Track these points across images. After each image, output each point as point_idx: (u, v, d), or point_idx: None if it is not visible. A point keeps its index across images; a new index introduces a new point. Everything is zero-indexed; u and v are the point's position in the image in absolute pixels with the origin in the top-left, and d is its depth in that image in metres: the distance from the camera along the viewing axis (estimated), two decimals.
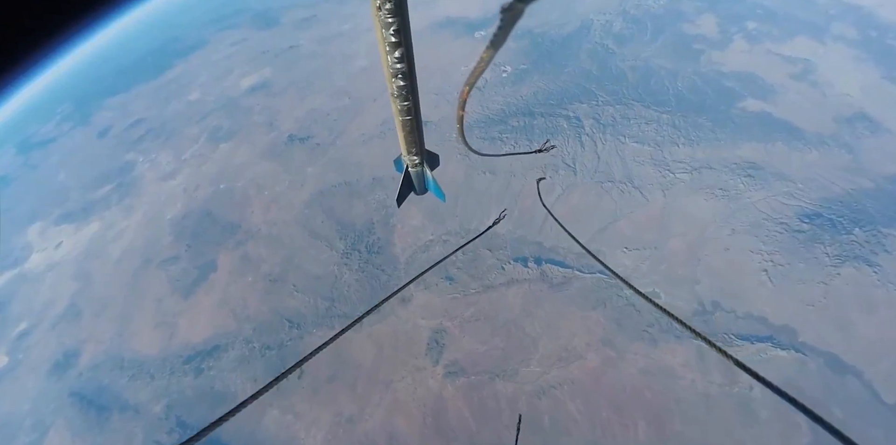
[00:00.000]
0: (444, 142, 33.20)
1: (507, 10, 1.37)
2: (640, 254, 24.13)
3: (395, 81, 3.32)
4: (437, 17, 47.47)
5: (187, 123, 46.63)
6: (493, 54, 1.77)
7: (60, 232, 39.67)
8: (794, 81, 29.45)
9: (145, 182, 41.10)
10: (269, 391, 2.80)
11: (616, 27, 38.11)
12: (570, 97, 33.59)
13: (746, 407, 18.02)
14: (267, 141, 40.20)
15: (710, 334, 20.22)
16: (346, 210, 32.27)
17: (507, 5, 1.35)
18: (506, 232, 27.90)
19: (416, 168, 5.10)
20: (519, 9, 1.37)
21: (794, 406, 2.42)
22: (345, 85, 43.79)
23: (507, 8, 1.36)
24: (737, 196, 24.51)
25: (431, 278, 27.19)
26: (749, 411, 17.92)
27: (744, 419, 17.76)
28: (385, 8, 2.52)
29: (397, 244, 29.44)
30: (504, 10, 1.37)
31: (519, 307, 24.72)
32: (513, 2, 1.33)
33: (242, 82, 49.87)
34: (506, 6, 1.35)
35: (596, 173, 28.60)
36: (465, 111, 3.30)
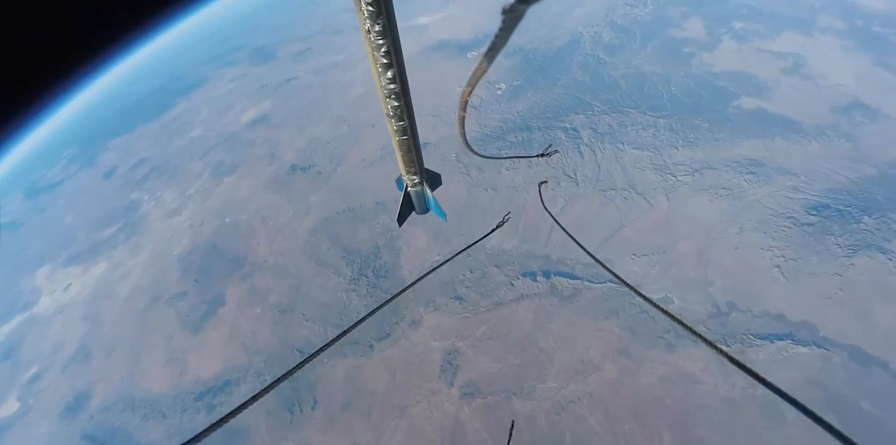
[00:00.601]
0: (445, 162, 33.53)
1: (509, 12, 1.39)
2: (648, 260, 23.85)
3: (389, 102, 3.47)
4: (429, 41, 48.68)
5: (191, 160, 47.74)
6: (494, 56, 1.80)
7: (69, 274, 40.21)
8: (787, 75, 29.52)
9: (151, 220, 41.80)
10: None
11: (605, 38, 38.74)
12: (566, 109, 33.92)
13: (772, 409, 17.40)
14: (269, 172, 40.88)
15: (728, 335, 19.80)
16: (351, 236, 32.43)
17: (508, 7, 1.36)
18: (512, 248, 27.81)
19: (416, 188, 5.18)
20: (520, 10, 1.38)
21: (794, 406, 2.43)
22: (343, 113, 44.67)
23: (509, 9, 1.38)
24: (741, 194, 24.30)
25: (440, 298, 27.03)
26: (775, 413, 17.30)
27: (770, 422, 17.13)
28: (374, 30, 2.78)
29: (404, 267, 29.42)
30: (505, 11, 1.39)
31: (531, 323, 24.39)
32: (514, 3, 1.35)
33: (243, 117, 51.21)
34: (507, 8, 1.37)
35: (597, 181, 28.58)
36: (466, 112, 3.43)
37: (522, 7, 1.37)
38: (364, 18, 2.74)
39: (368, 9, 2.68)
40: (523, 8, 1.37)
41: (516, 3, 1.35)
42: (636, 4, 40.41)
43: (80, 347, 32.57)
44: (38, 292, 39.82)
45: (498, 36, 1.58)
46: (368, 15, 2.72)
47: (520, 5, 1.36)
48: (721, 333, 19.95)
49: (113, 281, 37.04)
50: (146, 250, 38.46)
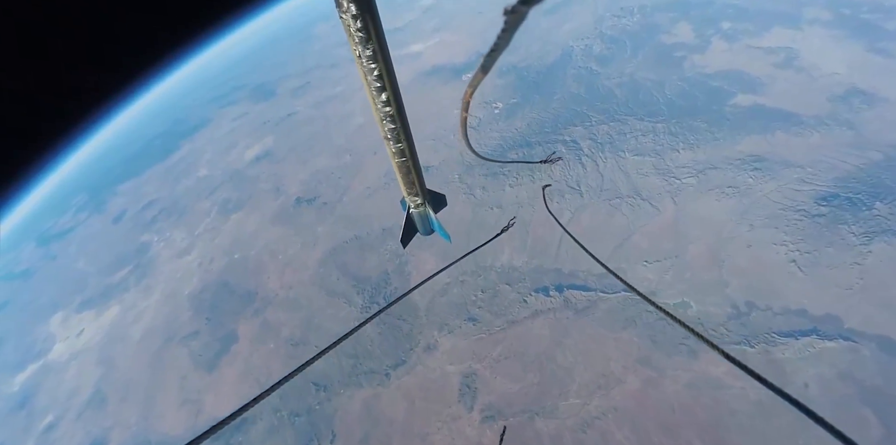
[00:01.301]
0: (449, 184, 33.77)
1: (511, 13, 1.39)
2: (661, 265, 23.49)
3: (385, 124, 3.60)
4: (423, 67, 49.82)
5: (198, 199, 48.73)
6: (497, 56, 1.82)
7: (82, 319, 40.69)
8: (780, 69, 29.58)
9: (161, 261, 42.35)
10: None
11: (596, 49, 39.29)
12: (564, 122, 34.16)
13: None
14: (275, 207, 41.50)
15: (750, 335, 19.23)
16: (360, 264, 32.51)
17: (510, 8, 1.37)
18: (522, 264, 27.63)
19: (418, 209, 5.22)
20: (522, 11, 1.39)
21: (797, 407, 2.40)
22: (344, 143, 45.47)
23: (511, 10, 1.38)
24: (748, 191, 24.01)
25: (454, 321, 26.77)
26: None
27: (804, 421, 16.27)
28: (365, 55, 2.93)
29: (415, 292, 29.21)
30: (507, 12, 1.39)
31: (547, 339, 23.98)
32: (516, 4, 1.35)
33: (247, 154, 52.45)
34: (509, 8, 1.37)
35: (602, 191, 28.50)
36: (468, 113, 3.45)
37: (524, 8, 1.38)
38: (355, 44, 2.91)
39: (359, 34, 2.84)
40: (525, 9, 1.38)
41: (518, 5, 1.36)
42: (623, 15, 41.11)
43: (95, 392, 32.60)
44: (52, 339, 40.26)
45: (500, 37, 1.59)
46: (359, 40, 2.88)
47: (521, 6, 1.36)
48: (743, 334, 19.39)
49: (126, 324, 37.35)
50: (157, 291, 38.84)
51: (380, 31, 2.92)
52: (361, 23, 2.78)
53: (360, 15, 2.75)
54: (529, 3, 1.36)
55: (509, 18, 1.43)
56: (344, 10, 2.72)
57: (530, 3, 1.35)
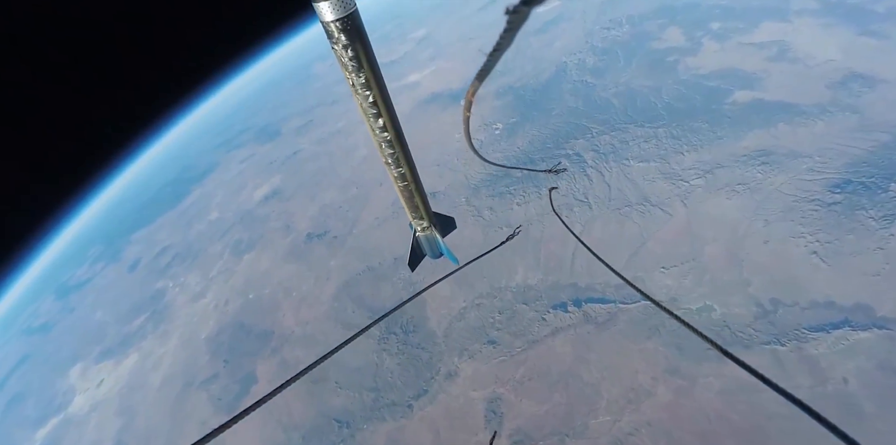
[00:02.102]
0: (456, 207, 33.85)
1: (513, 13, 1.40)
2: (679, 270, 22.96)
3: (384, 150, 3.82)
4: (422, 95, 50.93)
5: (210, 242, 49.45)
6: (499, 56, 1.85)
7: (101, 370, 40.84)
8: (774, 63, 29.54)
9: (177, 306, 42.73)
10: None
11: (589, 62, 39.82)
12: (565, 136, 34.30)
13: (847, 404, 15.79)
14: (287, 244, 41.89)
15: (779, 333, 18.45)
16: (375, 295, 32.43)
17: (512, 8, 1.37)
18: (537, 282, 27.25)
19: (425, 232, 5.38)
20: (524, 12, 1.40)
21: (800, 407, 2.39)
22: (350, 176, 46.17)
23: (513, 11, 1.39)
24: (758, 187, 23.58)
25: (473, 345, 26.30)
26: (852, 407, 15.67)
27: (849, 417, 15.46)
28: (359, 83, 3.16)
29: (431, 318, 28.99)
30: (509, 12, 1.40)
31: (570, 356, 23.36)
32: (518, 5, 1.36)
33: (255, 194, 53.44)
34: (511, 8, 1.38)
35: (610, 201, 28.28)
36: (470, 113, 3.54)
37: (526, 9, 1.38)
38: (348, 73, 3.14)
39: (351, 64, 3.06)
40: (527, 10, 1.38)
41: (520, 5, 1.36)
42: (612, 27, 41.83)
43: (116, 443, 32.34)
44: (72, 391, 40.32)
45: (503, 36, 1.61)
46: (352, 69, 3.11)
47: (523, 7, 1.37)
48: (772, 333, 18.64)
49: (145, 372, 37.38)
50: (175, 337, 38.98)
51: (371, 59, 3.13)
52: (352, 52, 2.99)
53: (351, 44, 2.96)
54: (531, 4, 1.35)
55: (511, 18, 1.44)
56: (335, 40, 2.96)
57: (532, 3, 1.35)
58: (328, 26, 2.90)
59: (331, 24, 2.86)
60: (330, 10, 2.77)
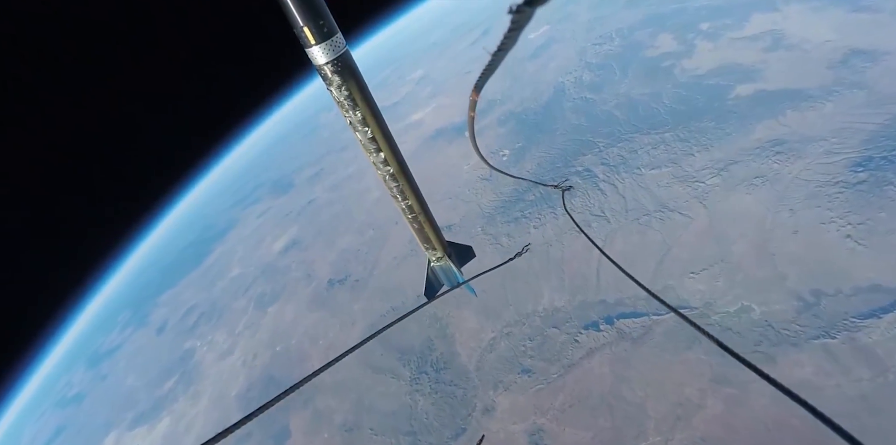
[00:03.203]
0: (473, 237, 33.70)
1: (516, 13, 1.40)
2: (709, 273, 22.09)
3: (388, 183, 4.11)
4: (426, 132, 52.02)
5: (234, 298, 50.10)
6: (503, 56, 1.88)
7: (135, 437, 40.65)
8: (771, 52, 29.43)
9: (206, 365, 42.84)
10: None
11: (586, 79, 40.34)
12: (573, 154, 34.29)
13: None
14: (309, 293, 42.10)
15: (827, 326, 17.32)
16: (402, 335, 31.92)
17: (514, 8, 1.38)
18: (565, 303, 26.53)
19: (440, 262, 5.57)
20: (528, 12, 1.41)
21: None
22: (365, 219, 46.73)
23: (516, 10, 1.39)
24: (777, 177, 22.90)
25: (507, 377, 25.46)
26: None
27: None
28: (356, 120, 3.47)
29: (461, 353, 28.32)
30: (512, 11, 1.40)
31: (609, 376, 22.33)
32: (521, 5, 1.36)
33: (275, 246, 54.50)
34: (513, 8, 1.38)
35: (627, 212, 27.80)
36: (475, 113, 3.69)
37: (529, 9, 1.38)
38: (345, 111, 3.43)
39: (346, 102, 3.35)
40: (530, 10, 1.39)
41: (523, 5, 1.36)
42: (603, 42, 42.59)
43: None
44: None
45: (507, 36, 1.62)
46: (348, 107, 3.40)
47: (526, 6, 1.36)
48: (819, 326, 17.51)
49: (178, 435, 37.08)
50: (205, 397, 38.85)
51: (366, 96, 3.43)
52: (347, 90, 3.28)
53: (344, 83, 3.26)
54: (534, 3, 1.35)
55: (515, 18, 1.44)
56: (330, 82, 3.27)
57: (535, 2, 1.34)
58: (322, 69, 3.21)
59: (324, 67, 3.18)
60: (322, 53, 3.11)
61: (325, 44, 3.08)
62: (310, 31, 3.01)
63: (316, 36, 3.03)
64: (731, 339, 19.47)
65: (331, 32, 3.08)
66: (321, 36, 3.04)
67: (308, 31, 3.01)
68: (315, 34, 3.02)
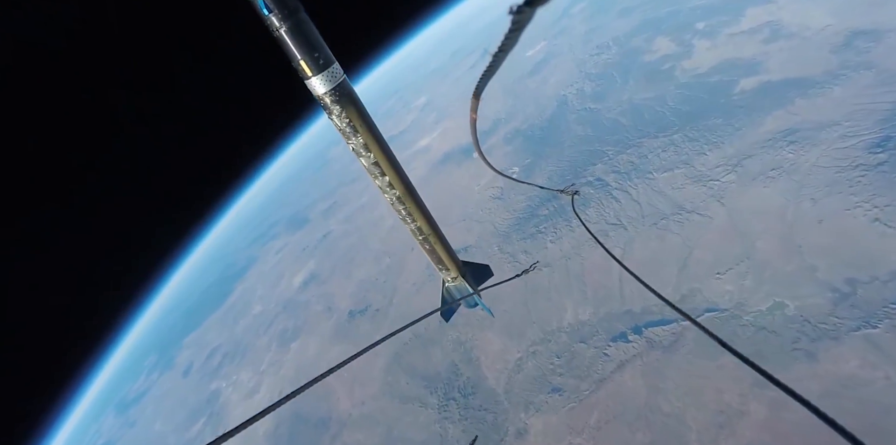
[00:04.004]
0: (490, 256, 33.49)
1: (517, 13, 1.40)
2: (736, 273, 21.35)
3: (396, 206, 4.22)
4: (435, 157, 52.57)
5: (257, 336, 50.23)
6: (504, 57, 1.89)
7: None
8: (770, 44, 29.28)
9: (232, 405, 42.68)
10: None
11: (588, 90, 40.58)
12: (583, 165, 34.12)
13: None
14: (331, 326, 42.04)
15: (866, 315, 16.44)
16: (426, 362, 31.49)
17: (515, 8, 1.38)
18: (589, 316, 25.88)
19: (454, 283, 5.58)
20: (528, 13, 1.40)
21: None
22: (381, 248, 46.82)
23: (517, 11, 1.39)
24: (793, 167, 22.32)
25: (537, 397, 24.67)
26: None
27: None
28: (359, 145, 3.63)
29: (489, 377, 27.65)
30: (512, 12, 1.40)
31: (644, 389, 21.45)
32: (521, 5, 1.36)
33: (294, 281, 54.83)
34: (514, 8, 1.38)
35: (644, 217, 27.32)
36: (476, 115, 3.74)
37: (530, 10, 1.38)
38: (347, 138, 3.58)
39: (347, 130, 3.52)
40: (531, 11, 1.38)
41: (524, 5, 1.36)
42: (601, 51, 43.00)
43: None
44: None
45: (508, 36, 1.63)
46: (350, 133, 3.56)
47: (527, 7, 1.36)
48: (858, 316, 16.62)
49: None
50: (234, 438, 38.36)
51: (367, 122, 3.57)
52: (347, 118, 3.45)
53: (344, 110, 3.42)
54: (535, 4, 1.34)
55: (516, 18, 1.44)
56: (330, 111, 3.43)
57: (536, 3, 1.34)
58: (322, 99, 3.37)
59: (323, 96, 3.33)
60: (320, 83, 3.26)
61: (323, 74, 3.23)
62: (306, 64, 3.16)
63: (312, 68, 3.19)
64: (767, 339, 18.66)
65: (327, 63, 3.23)
66: (317, 67, 3.19)
67: (304, 64, 3.17)
68: (311, 66, 3.18)
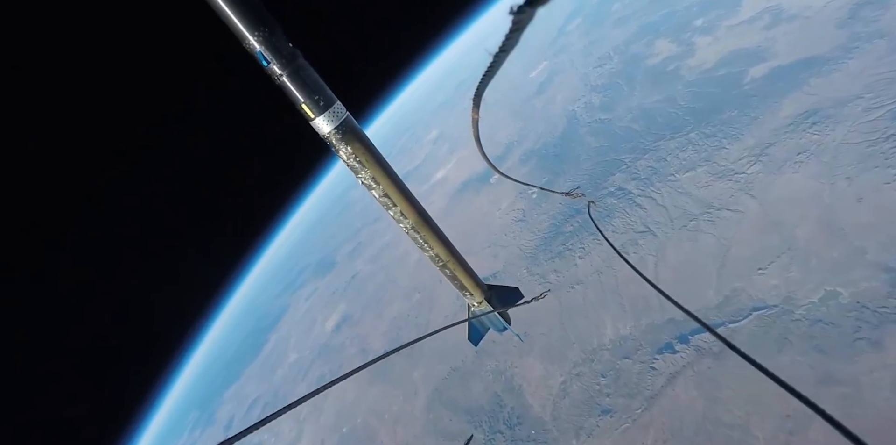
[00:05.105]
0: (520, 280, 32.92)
1: (517, 13, 1.40)
2: (779, 265, 20.23)
3: (411, 235, 4.33)
4: (453, 187, 52.89)
5: (294, 384, 50.14)
6: (504, 57, 1.89)
7: None
8: (773, 29, 28.94)
9: None
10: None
11: (595, 102, 40.61)
12: (602, 176, 33.70)
13: None
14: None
15: None
16: (467, 396, 30.57)
17: (515, 8, 1.37)
18: (631, 330, 24.81)
19: (479, 306, 5.64)
20: (529, 13, 1.40)
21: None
22: (409, 283, 46.64)
23: (517, 11, 1.38)
24: (820, 149, 21.42)
25: (587, 421, 23.43)
26: None
27: None
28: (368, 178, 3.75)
29: (533, 405, 26.56)
30: (513, 12, 1.39)
31: (700, 400, 20.14)
32: (522, 5, 1.35)
33: (327, 326, 54.97)
34: (514, 9, 1.37)
35: (672, 221, 26.51)
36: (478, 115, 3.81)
37: (531, 10, 1.37)
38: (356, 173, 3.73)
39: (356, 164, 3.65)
40: (532, 11, 1.37)
41: (525, 5, 1.35)
42: (603, 63, 43.26)
43: None
44: None
45: (508, 37, 1.63)
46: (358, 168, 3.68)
47: (528, 7, 1.35)
48: None
49: None
50: None
51: (374, 155, 3.69)
52: (353, 153, 3.59)
53: (349, 146, 3.56)
54: (536, 4, 1.32)
55: (516, 18, 1.43)
56: (336, 148, 3.57)
57: (537, 3, 1.32)
58: (328, 139, 3.51)
59: (329, 135, 3.48)
60: (324, 123, 3.42)
61: (326, 114, 3.37)
62: (308, 107, 3.32)
63: (314, 110, 3.33)
64: (825, 332, 17.42)
65: (328, 103, 3.37)
66: (319, 109, 3.34)
67: (306, 107, 3.32)
68: (313, 108, 3.33)
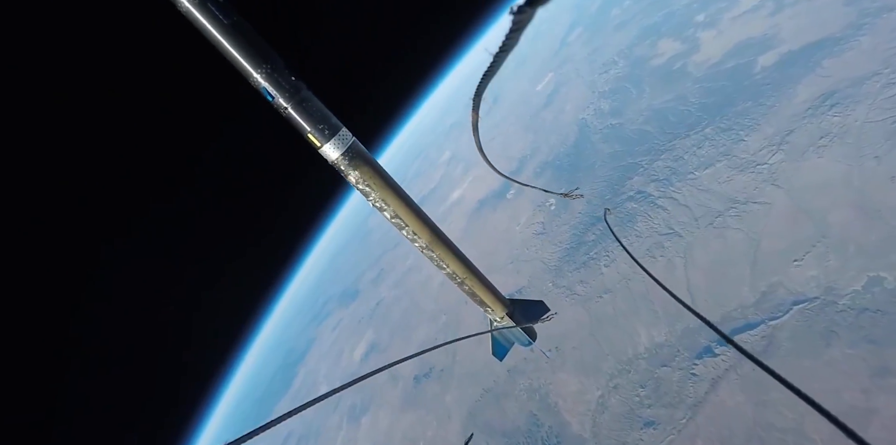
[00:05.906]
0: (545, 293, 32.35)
1: (518, 13, 1.42)
2: (815, 255, 19.35)
3: (427, 254, 4.37)
4: (470, 206, 52.99)
5: (327, 416, 49.70)
6: (505, 57, 1.93)
7: None
8: (778, 15, 28.63)
9: None
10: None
11: (605, 107, 40.48)
12: (619, 181, 33.26)
13: None
14: (398, 394, 41.06)
15: None
16: (502, 417, 29.79)
17: (515, 8, 1.39)
18: (666, 336, 23.96)
19: (501, 322, 5.62)
20: (529, 13, 1.42)
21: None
22: (435, 307, 46.24)
23: (518, 11, 1.41)
24: (843, 131, 20.71)
25: (630, 435, 22.45)
26: None
27: None
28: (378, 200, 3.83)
29: (571, 422, 25.64)
30: (513, 12, 1.41)
31: (747, 404, 19.14)
32: (522, 5, 1.38)
33: (355, 355, 54.81)
34: (514, 9, 1.40)
35: (697, 219, 25.80)
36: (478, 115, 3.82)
37: (531, 10, 1.40)
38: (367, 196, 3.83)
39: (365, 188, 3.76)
40: (532, 10, 1.40)
41: (525, 6, 1.37)
42: (608, 68, 43.26)
43: None
44: None
45: (509, 37, 1.66)
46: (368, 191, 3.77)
47: (528, 7, 1.37)
48: None
49: None
50: None
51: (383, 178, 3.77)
52: (362, 177, 3.69)
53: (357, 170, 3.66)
54: (536, 4, 1.35)
55: (517, 19, 1.46)
56: (345, 173, 3.68)
57: (537, 3, 1.35)
58: (337, 165, 3.61)
59: (337, 162, 3.57)
60: (332, 150, 3.50)
61: (332, 142, 3.47)
62: (314, 136, 3.42)
63: (320, 138, 3.43)
64: (874, 320, 16.48)
65: (333, 131, 3.46)
66: (324, 137, 3.43)
67: (312, 136, 3.42)
68: (319, 137, 3.43)
